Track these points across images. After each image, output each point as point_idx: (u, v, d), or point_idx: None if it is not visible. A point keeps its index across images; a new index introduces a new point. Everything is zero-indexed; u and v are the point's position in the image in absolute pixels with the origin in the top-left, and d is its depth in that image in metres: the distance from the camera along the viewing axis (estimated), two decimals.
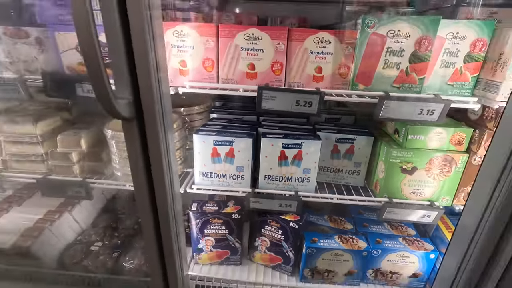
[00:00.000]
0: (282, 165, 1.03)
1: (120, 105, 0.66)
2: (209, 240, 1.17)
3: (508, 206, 0.75)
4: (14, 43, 0.95)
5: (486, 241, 0.80)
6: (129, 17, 0.64)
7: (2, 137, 1.11)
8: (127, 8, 0.63)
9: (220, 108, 1.35)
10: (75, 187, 1.10)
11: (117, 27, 0.64)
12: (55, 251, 1.18)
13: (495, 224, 0.77)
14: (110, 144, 1.08)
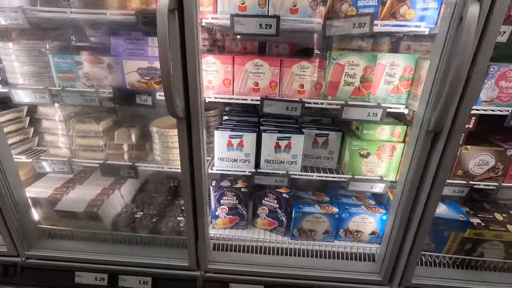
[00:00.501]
0: (277, 152, 1.47)
1: (179, 110, 1.09)
2: (224, 209, 1.59)
3: (417, 175, 1.19)
4: (92, 67, 1.38)
5: (407, 200, 1.24)
6: (186, 55, 1.07)
7: (74, 133, 1.53)
8: (186, 50, 1.06)
9: (230, 112, 1.78)
10: (126, 169, 1.51)
11: (179, 62, 1.07)
12: (110, 217, 1.59)
13: (410, 188, 1.21)
14: (154, 137, 1.51)
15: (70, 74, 1.40)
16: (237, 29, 1.17)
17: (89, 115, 1.58)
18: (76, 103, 1.39)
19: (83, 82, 1.41)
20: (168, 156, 1.49)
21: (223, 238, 1.60)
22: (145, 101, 1.35)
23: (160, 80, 1.36)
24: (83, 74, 1.40)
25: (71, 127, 1.52)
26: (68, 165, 1.53)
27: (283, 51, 1.74)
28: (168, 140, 1.46)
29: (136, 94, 1.34)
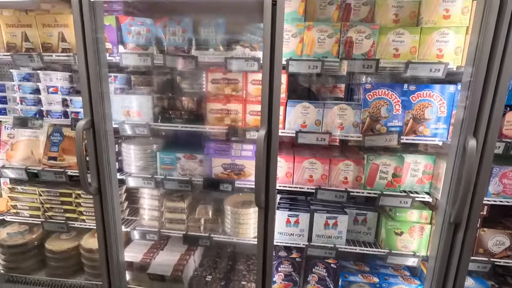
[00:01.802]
0: (326, 228, 1.83)
1: (262, 201, 1.51)
2: (280, 275, 1.90)
3: (445, 254, 1.50)
4: (187, 161, 1.87)
5: (439, 275, 1.54)
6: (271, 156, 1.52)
7: (165, 209, 1.96)
8: (270, 154, 1.51)
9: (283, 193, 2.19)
10: (204, 239, 1.90)
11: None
12: (187, 280, 1.93)
13: (440, 265, 1.52)
14: (227, 213, 1.91)
15: (170, 166, 1.89)
16: (300, 141, 1.65)
17: (176, 195, 2.03)
18: (174, 188, 1.85)
19: (179, 172, 1.89)
20: (239, 230, 1.87)
21: None
22: (226, 188, 1.79)
23: (238, 172, 1.82)
24: (180, 166, 1.88)
25: (163, 204, 1.96)
26: (158, 235, 1.93)
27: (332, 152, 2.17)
28: (239, 218, 1.85)
29: (220, 183, 1.79)
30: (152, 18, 1.71)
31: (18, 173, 1.94)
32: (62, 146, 1.98)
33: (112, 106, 1.84)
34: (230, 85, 1.72)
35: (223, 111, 1.73)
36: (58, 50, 1.76)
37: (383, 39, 1.54)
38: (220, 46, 1.69)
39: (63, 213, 2.02)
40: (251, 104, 1.70)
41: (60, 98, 1.88)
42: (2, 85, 1.92)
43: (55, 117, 1.90)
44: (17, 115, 1.92)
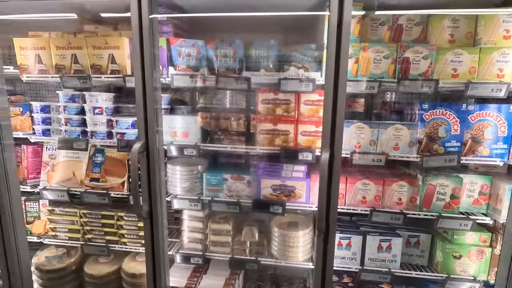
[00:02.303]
0: (379, 252, 1.76)
1: (323, 224, 1.46)
2: None
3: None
4: (234, 182, 1.83)
5: None
6: (333, 180, 1.48)
7: (209, 231, 1.91)
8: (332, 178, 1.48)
9: None
10: (251, 263, 1.83)
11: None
12: None
13: None
14: (274, 236, 1.86)
15: (216, 187, 1.85)
16: (355, 162, 1.61)
17: (220, 216, 1.98)
18: (221, 209, 1.81)
19: (225, 193, 1.85)
20: (288, 253, 1.81)
21: None
22: (276, 210, 1.74)
23: (288, 194, 1.77)
24: (227, 187, 1.84)
25: (207, 226, 1.91)
26: (203, 259, 1.87)
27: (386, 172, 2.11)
28: (289, 240, 1.80)
29: (270, 204, 1.74)
30: (203, 39, 1.71)
31: (59, 194, 1.91)
32: (104, 167, 1.95)
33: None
34: (281, 106, 1.70)
35: (274, 132, 1.71)
36: (107, 72, 1.75)
37: (441, 59, 1.53)
38: (271, 67, 1.68)
39: (103, 236, 1.97)
40: (303, 125, 1.68)
41: (105, 119, 1.86)
42: (47, 107, 1.91)
43: (99, 138, 1.88)
44: (61, 136, 1.90)
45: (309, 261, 1.83)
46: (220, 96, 2.01)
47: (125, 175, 1.91)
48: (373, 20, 1.65)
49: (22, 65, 1.81)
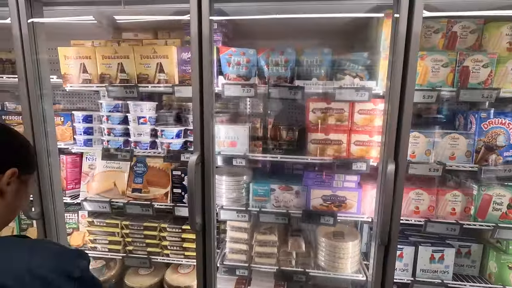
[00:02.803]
0: (431, 262, 1.73)
1: (385, 238, 1.43)
2: None
3: None
4: (282, 192, 1.79)
5: None
6: (396, 194, 1.45)
7: (256, 243, 1.87)
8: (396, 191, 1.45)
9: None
10: (299, 275, 1.80)
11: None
12: None
13: None
14: (321, 247, 1.82)
15: (263, 198, 1.81)
16: (411, 172, 1.58)
17: (265, 227, 1.95)
18: (269, 220, 1.77)
19: (273, 203, 1.82)
20: (337, 264, 1.78)
21: None
22: (327, 221, 1.71)
23: (339, 204, 1.74)
24: (274, 197, 1.81)
25: (254, 238, 1.88)
26: (249, 270, 1.84)
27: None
28: (340, 251, 1.76)
29: (321, 215, 1.71)
30: (251, 48, 1.68)
31: (101, 206, 1.87)
32: (146, 177, 1.91)
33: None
34: (334, 115, 1.67)
35: (326, 141, 1.68)
36: (154, 81, 1.72)
37: (501, 68, 1.51)
38: (323, 76, 1.65)
39: (144, 247, 1.93)
40: (356, 134, 1.65)
41: (149, 129, 1.83)
42: (89, 116, 1.87)
43: (143, 148, 1.84)
44: (105, 146, 1.86)
45: (358, 272, 1.80)
46: (270, 105, 1.98)
47: (168, 186, 1.88)
48: (427, 27, 1.63)
49: (66, 75, 1.77)
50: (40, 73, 1.58)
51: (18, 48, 1.53)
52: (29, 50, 1.53)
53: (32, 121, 1.60)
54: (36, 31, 1.55)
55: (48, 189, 1.68)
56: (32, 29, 1.54)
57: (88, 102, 2.25)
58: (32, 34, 1.54)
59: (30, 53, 1.54)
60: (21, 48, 1.53)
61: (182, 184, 1.86)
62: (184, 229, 1.87)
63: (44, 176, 1.65)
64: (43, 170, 1.64)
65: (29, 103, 1.59)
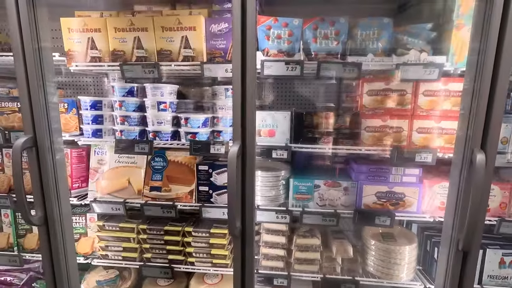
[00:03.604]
0: (501, 268, 1.51)
1: (469, 243, 1.19)
2: None
3: None
4: (328, 190, 1.54)
5: None
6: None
7: (295, 247, 1.62)
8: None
9: None
10: (348, 284, 1.56)
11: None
12: None
13: None
14: (371, 250, 1.58)
15: (306, 196, 1.56)
16: None
17: (305, 230, 1.70)
18: (313, 222, 1.52)
19: (316, 202, 1.57)
20: (391, 271, 1.54)
21: None
22: (384, 222, 1.47)
23: (396, 202, 1.50)
24: (318, 195, 1.56)
25: (293, 242, 1.63)
26: (288, 279, 1.59)
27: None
28: (394, 257, 1.53)
29: (376, 215, 1.47)
30: (299, 17, 1.41)
31: (114, 207, 1.60)
32: (167, 173, 1.64)
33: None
34: (393, 97, 1.42)
35: (384, 129, 1.43)
36: (178, 59, 1.44)
37: None
38: (380, 51, 1.40)
39: (165, 255, 1.67)
40: (419, 120, 1.41)
41: (170, 116, 1.55)
42: (98, 102, 1.58)
43: (164, 139, 1.57)
44: (118, 137, 1.58)
45: (414, 280, 1.57)
46: (315, 86, 1.72)
47: (193, 183, 1.61)
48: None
49: (71, 52, 1.48)
50: (41, 48, 1.28)
51: (13, 17, 1.23)
52: (26, 19, 1.24)
53: (32, 110, 1.30)
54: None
55: (53, 189, 1.39)
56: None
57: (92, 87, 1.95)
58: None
59: (29, 23, 1.24)
60: (17, 17, 1.23)
61: (210, 180, 1.60)
62: (212, 233, 1.60)
63: (47, 174, 1.36)
64: (47, 167, 1.35)
65: (28, 87, 1.29)
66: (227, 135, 1.58)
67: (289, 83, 1.77)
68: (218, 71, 1.39)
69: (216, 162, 1.62)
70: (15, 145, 1.25)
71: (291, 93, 1.77)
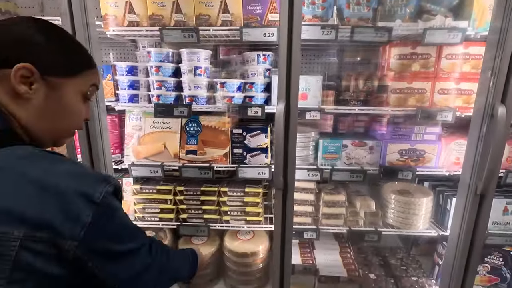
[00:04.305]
0: (504, 215, 1.71)
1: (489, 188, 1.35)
2: (486, 267, 1.76)
3: None
4: (355, 149, 1.67)
5: None
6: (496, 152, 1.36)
7: (323, 204, 1.76)
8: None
9: None
10: (371, 234, 1.72)
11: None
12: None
13: None
14: (391, 204, 1.75)
15: (334, 155, 1.69)
16: None
17: (332, 187, 1.83)
18: (341, 179, 1.65)
19: (344, 161, 1.70)
20: (410, 221, 1.71)
21: None
22: (406, 176, 1.62)
23: (416, 158, 1.65)
24: (346, 154, 1.69)
25: (321, 199, 1.76)
26: (317, 233, 1.73)
27: None
28: (414, 208, 1.69)
29: (399, 171, 1.62)
30: None
31: (152, 170, 1.67)
32: (201, 137, 1.72)
33: (273, 89, 1.63)
34: (419, 61, 1.53)
35: (408, 90, 1.55)
36: (216, 23, 1.49)
37: None
38: (407, 17, 1.50)
39: (200, 215, 1.77)
40: (441, 82, 1.54)
41: (206, 81, 1.62)
42: (134, 68, 1.62)
43: (200, 103, 1.64)
44: (154, 101, 1.63)
45: (430, 228, 1.75)
46: (344, 51, 1.80)
47: (227, 146, 1.70)
48: None
49: (107, 16, 1.50)
50: (86, 8, 1.30)
51: None
52: None
53: None
54: None
55: (101, 153, 1.45)
56: None
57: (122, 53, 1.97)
58: None
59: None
60: None
61: (243, 143, 1.69)
62: (247, 192, 1.71)
63: (96, 137, 1.41)
64: (95, 130, 1.40)
65: None
66: (257, 101, 1.66)
67: (320, 49, 1.85)
68: (257, 36, 1.45)
69: (249, 126, 1.70)
70: None
71: (322, 58, 1.86)
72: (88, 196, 0.58)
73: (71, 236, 0.56)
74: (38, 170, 0.57)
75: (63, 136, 0.76)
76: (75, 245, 0.56)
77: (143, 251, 0.75)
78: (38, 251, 0.53)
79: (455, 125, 1.66)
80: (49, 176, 0.57)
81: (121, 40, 1.76)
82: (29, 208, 0.53)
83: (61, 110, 0.70)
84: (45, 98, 0.67)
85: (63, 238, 0.55)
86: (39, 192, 0.54)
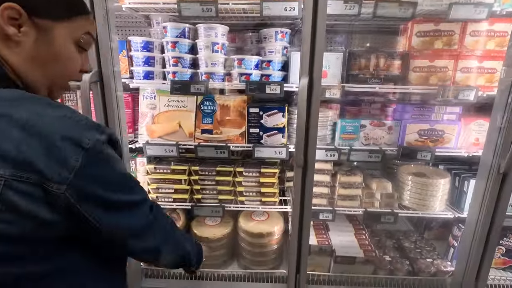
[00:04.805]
0: None
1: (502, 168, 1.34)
2: (501, 249, 1.75)
3: None
4: (373, 129, 1.65)
5: None
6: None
7: (339, 185, 1.75)
8: None
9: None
10: (387, 216, 1.71)
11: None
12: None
13: None
14: (408, 186, 1.73)
15: (352, 135, 1.66)
16: None
17: (347, 169, 1.82)
18: (359, 159, 1.64)
19: (361, 141, 1.68)
20: (427, 202, 1.70)
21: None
22: (425, 157, 1.60)
23: (435, 139, 1.63)
24: (364, 135, 1.66)
25: (337, 180, 1.75)
26: (333, 214, 1.72)
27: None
28: (432, 189, 1.68)
29: (418, 151, 1.60)
30: None
31: (167, 149, 1.64)
32: (216, 117, 1.69)
33: (291, 67, 1.60)
34: (442, 38, 1.50)
35: (430, 69, 1.52)
36: None
37: None
38: None
39: (215, 195, 1.75)
40: (464, 60, 1.51)
41: (223, 58, 1.58)
42: (150, 43, 1.58)
43: (217, 80, 1.60)
44: (170, 78, 1.60)
45: (446, 210, 1.74)
46: (366, 28, 1.76)
47: (243, 126, 1.67)
48: None
49: None
50: None
51: None
52: None
53: (98, 45, 1.30)
54: None
55: (118, 130, 1.42)
56: None
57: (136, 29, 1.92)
58: None
59: None
60: None
61: (260, 123, 1.66)
62: (262, 172, 1.69)
63: (113, 114, 1.38)
64: (112, 106, 1.37)
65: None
66: (274, 79, 1.63)
67: (341, 25, 1.81)
68: (277, 10, 1.41)
69: (266, 105, 1.67)
70: (84, 79, 1.26)
71: (342, 35, 1.83)
72: (75, 141, 0.56)
73: (59, 179, 0.54)
74: (25, 113, 0.55)
75: (57, 84, 0.73)
76: (64, 189, 0.54)
77: (143, 207, 0.70)
78: (23, 191, 0.52)
79: (475, 105, 1.63)
80: (36, 119, 0.55)
81: (135, 15, 1.72)
82: (13, 149, 0.52)
83: (52, 55, 0.67)
84: (35, 41, 0.64)
85: (49, 180, 0.53)
86: (24, 135, 0.53)
